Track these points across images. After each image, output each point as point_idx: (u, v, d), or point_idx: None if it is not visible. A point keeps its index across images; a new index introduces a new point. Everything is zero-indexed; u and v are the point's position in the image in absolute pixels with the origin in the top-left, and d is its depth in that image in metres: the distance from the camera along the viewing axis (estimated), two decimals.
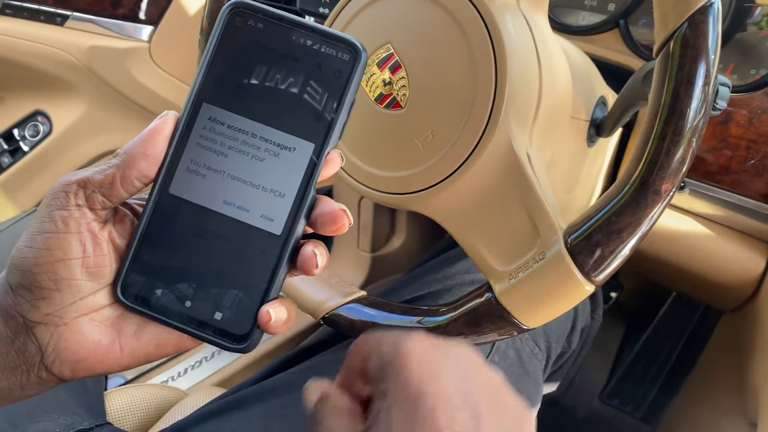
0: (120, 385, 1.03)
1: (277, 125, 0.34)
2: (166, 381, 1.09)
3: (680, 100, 0.38)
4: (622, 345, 1.20)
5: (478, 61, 0.45)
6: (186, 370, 1.10)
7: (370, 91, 0.49)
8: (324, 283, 0.56)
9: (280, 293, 0.35)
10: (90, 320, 0.33)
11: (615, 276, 1.21)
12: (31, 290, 0.32)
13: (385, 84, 0.48)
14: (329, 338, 0.64)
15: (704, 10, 0.38)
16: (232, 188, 0.34)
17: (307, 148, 0.34)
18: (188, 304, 0.34)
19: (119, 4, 1.06)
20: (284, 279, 0.34)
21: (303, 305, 0.55)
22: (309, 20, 0.35)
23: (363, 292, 0.55)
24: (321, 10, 0.75)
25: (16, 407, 0.53)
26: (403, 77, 0.47)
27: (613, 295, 1.19)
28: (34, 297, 0.32)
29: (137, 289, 0.34)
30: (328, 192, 1.02)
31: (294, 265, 0.34)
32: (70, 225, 0.32)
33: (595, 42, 0.72)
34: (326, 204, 0.34)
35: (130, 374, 1.12)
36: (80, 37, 1.06)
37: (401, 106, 0.47)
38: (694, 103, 0.38)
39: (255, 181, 0.34)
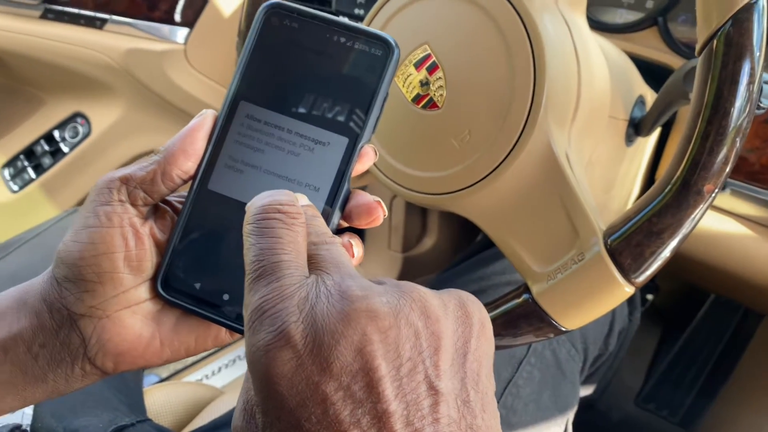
0: (155, 383, 1.05)
1: (311, 121, 0.34)
2: (201, 379, 1.10)
3: (724, 98, 0.38)
4: (658, 348, 1.18)
5: (516, 61, 0.44)
6: (220, 369, 1.12)
7: (406, 92, 0.49)
8: None
9: None
10: (131, 313, 0.34)
11: (652, 278, 1.19)
12: (76, 283, 0.33)
13: (422, 84, 0.48)
14: None
15: (749, 8, 0.37)
16: (268, 183, 0.34)
17: (341, 142, 0.34)
18: (226, 297, 0.34)
19: (155, 7, 1.08)
20: None
21: None
22: (343, 19, 0.35)
23: None
24: (356, 11, 0.76)
25: (60, 403, 0.54)
26: (440, 77, 0.47)
27: (650, 297, 1.17)
28: (78, 290, 0.32)
29: (177, 283, 0.35)
30: None
31: None
32: (113, 220, 0.33)
33: (633, 40, 0.71)
34: (361, 196, 0.35)
35: (165, 372, 1.14)
36: (118, 39, 1.08)
37: (438, 107, 0.47)
38: (738, 102, 0.38)
39: (290, 175, 0.34)
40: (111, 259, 0.32)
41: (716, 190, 0.39)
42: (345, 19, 0.35)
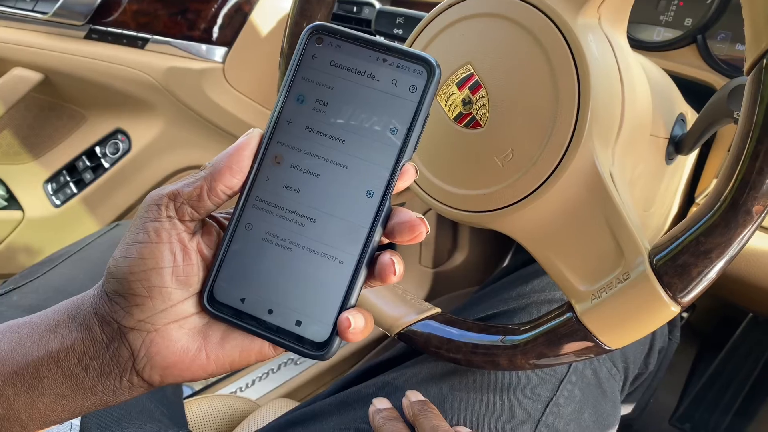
0: (188, 396, 1.06)
1: (354, 141, 0.35)
2: (235, 392, 1.11)
3: None
4: (693, 367, 1.16)
5: (560, 80, 0.45)
6: (254, 382, 1.13)
7: (448, 111, 0.49)
8: (399, 300, 0.56)
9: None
10: (179, 327, 0.34)
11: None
12: (126, 297, 0.33)
13: (464, 104, 0.48)
14: (403, 353, 0.65)
15: None
16: (312, 202, 0.35)
17: (382, 163, 0.35)
18: (270, 312, 0.35)
19: (195, 26, 1.10)
20: (362, 287, 0.36)
21: (378, 321, 0.55)
22: (385, 41, 0.36)
23: (438, 309, 0.55)
24: (395, 31, 0.77)
25: (106, 414, 0.55)
26: (483, 96, 0.48)
27: (685, 315, 1.15)
28: (128, 304, 0.33)
29: (222, 298, 0.35)
30: None
31: (372, 273, 0.35)
32: (162, 236, 0.34)
33: (672, 58, 0.71)
34: (403, 213, 0.35)
35: (198, 385, 1.15)
36: (159, 58, 1.10)
37: (481, 125, 0.48)
38: None
39: (334, 195, 0.35)
40: (160, 273, 0.33)
41: (765, 211, 0.39)
42: (387, 41, 0.36)
